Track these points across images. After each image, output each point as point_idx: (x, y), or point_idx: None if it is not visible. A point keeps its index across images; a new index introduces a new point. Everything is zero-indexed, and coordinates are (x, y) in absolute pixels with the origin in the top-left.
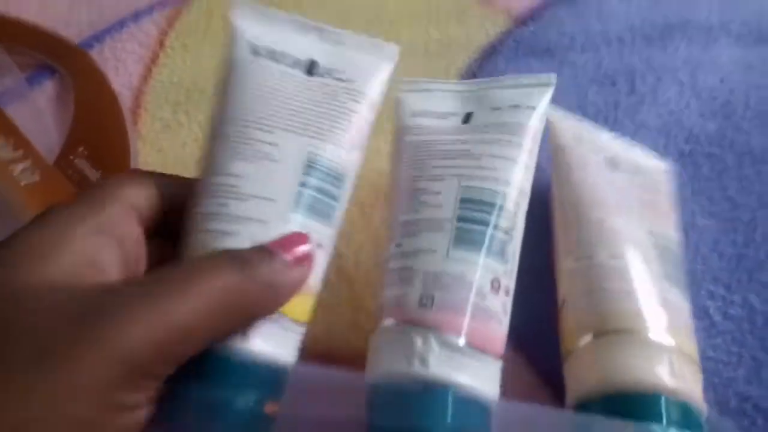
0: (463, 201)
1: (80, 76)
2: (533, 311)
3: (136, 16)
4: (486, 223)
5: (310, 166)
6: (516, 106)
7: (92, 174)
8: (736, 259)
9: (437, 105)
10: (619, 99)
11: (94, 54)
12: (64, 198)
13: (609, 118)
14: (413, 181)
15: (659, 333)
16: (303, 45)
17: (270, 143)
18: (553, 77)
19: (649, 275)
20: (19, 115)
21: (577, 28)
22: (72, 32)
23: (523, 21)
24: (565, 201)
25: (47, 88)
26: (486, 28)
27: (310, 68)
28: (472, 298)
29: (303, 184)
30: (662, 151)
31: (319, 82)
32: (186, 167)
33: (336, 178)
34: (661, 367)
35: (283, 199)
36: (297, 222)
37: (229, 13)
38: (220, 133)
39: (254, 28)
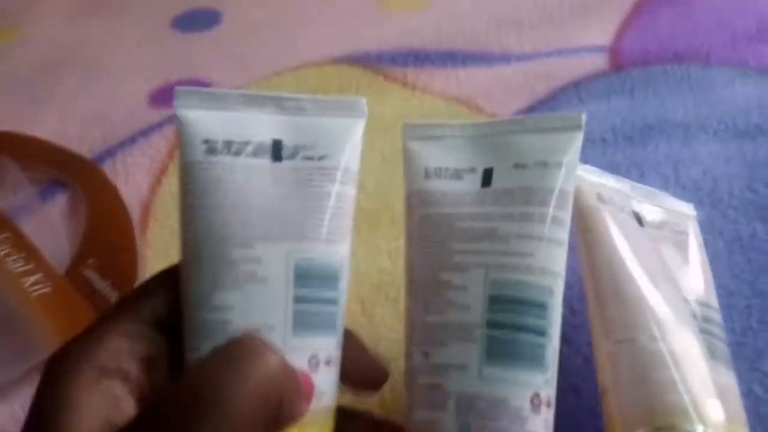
0: (492, 300)
1: (92, 190)
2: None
3: (147, 131)
4: (520, 327)
5: (300, 276)
6: (543, 164)
7: (101, 285)
8: (735, 348)
9: (451, 158)
10: None
11: (106, 168)
12: (74, 310)
13: None
14: (434, 271)
15: (715, 426)
16: (262, 124)
17: (252, 260)
18: (582, 117)
19: (696, 357)
20: (32, 228)
21: None
22: (85, 148)
23: None
24: (598, 274)
25: (60, 202)
26: None
27: (276, 151)
28: (513, 425)
29: (298, 300)
30: None
31: (288, 167)
32: None
33: (330, 279)
34: None
35: (280, 323)
36: (300, 346)
37: (175, 106)
38: (194, 257)
39: (205, 119)
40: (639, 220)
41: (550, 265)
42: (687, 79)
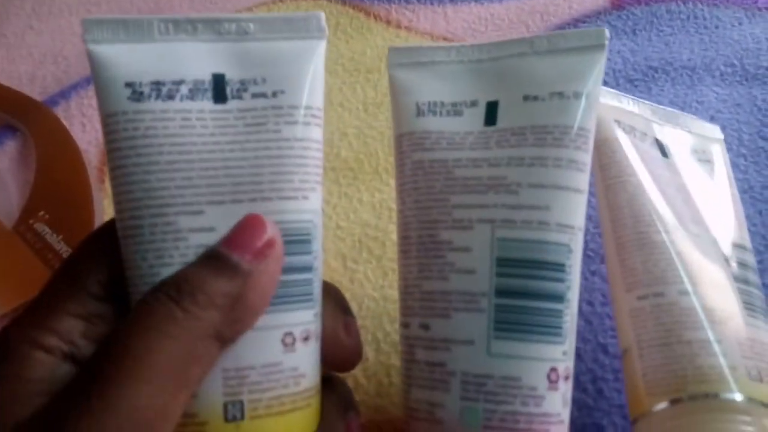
0: (501, 263)
1: (43, 135)
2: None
3: None
4: (534, 294)
5: None
6: (559, 95)
7: (53, 239)
8: None
9: (447, 90)
10: None
11: (60, 111)
12: (24, 268)
13: None
14: (431, 229)
15: (751, 390)
16: (198, 56)
17: (204, 229)
18: (605, 33)
19: (731, 312)
20: None
21: None
22: (36, 89)
23: None
24: (619, 218)
25: (9, 149)
26: None
27: (218, 89)
28: (526, 408)
29: None
30: None
31: (235, 109)
32: None
33: (302, 242)
34: None
35: None
36: (271, 323)
37: (84, 41)
38: (132, 228)
39: (126, 56)
40: (662, 149)
41: (569, 219)
42: (692, 18)
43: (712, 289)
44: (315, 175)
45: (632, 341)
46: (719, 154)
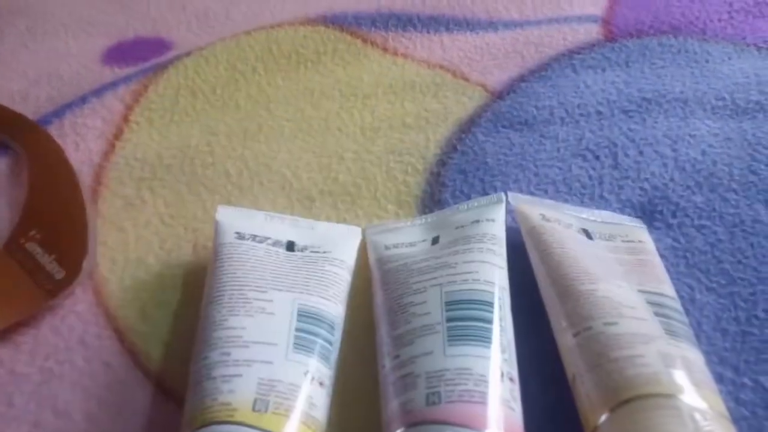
0: (449, 303)
1: (35, 154)
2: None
3: (99, 90)
4: (474, 318)
5: (302, 315)
6: (476, 221)
7: (45, 259)
8: (741, 338)
9: (405, 238)
10: (603, 174)
11: (53, 130)
12: (14, 287)
13: (595, 193)
14: (398, 299)
15: (679, 392)
16: (281, 230)
17: (264, 300)
18: (502, 195)
19: (652, 335)
20: None
21: (554, 102)
22: (30, 107)
23: (499, 95)
24: (551, 278)
25: (0, 167)
26: (463, 102)
27: (289, 246)
28: (479, 387)
29: (299, 330)
30: (649, 225)
31: (299, 255)
32: (150, 247)
33: (327, 323)
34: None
35: (283, 342)
36: (298, 360)
37: (215, 214)
38: (216, 297)
39: (237, 221)
40: (588, 234)
41: (495, 279)
42: (683, 51)
43: (635, 320)
44: (343, 296)
45: (574, 371)
46: (644, 236)
